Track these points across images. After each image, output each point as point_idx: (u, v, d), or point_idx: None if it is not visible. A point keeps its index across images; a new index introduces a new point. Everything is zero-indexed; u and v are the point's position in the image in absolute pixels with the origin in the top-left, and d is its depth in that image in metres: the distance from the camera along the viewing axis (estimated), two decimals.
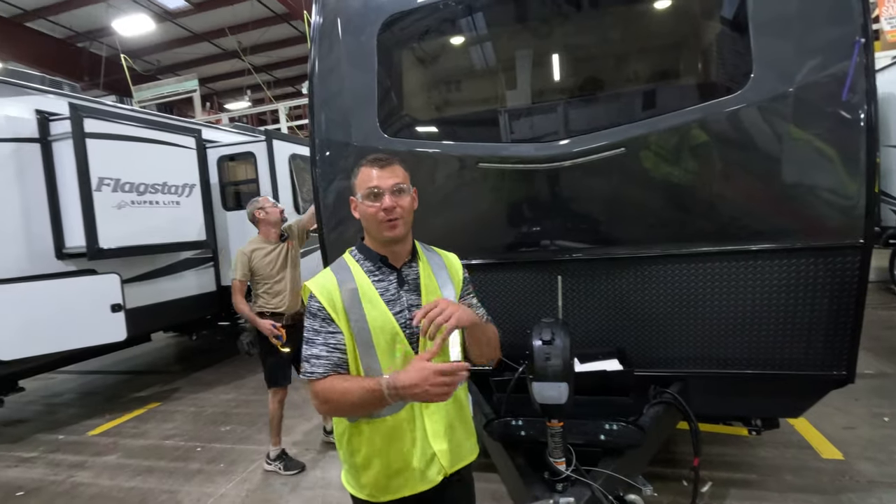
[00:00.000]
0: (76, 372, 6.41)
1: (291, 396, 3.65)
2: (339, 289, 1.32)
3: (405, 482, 1.35)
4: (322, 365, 1.28)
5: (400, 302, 1.35)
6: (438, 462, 1.36)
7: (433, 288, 1.40)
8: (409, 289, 1.37)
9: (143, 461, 3.78)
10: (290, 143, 6.63)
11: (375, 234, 1.36)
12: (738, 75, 2.02)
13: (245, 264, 3.38)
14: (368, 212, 1.32)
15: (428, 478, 1.36)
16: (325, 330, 1.30)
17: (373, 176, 1.32)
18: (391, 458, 1.34)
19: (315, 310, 1.32)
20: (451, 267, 1.50)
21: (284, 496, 3.11)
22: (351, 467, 1.41)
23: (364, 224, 1.38)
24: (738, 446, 3.15)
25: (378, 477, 1.35)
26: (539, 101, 2.41)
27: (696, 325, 2.17)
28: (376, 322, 1.30)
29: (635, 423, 1.87)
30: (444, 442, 1.37)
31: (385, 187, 1.31)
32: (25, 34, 12.78)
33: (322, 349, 1.29)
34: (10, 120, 4.17)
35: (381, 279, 1.36)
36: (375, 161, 1.35)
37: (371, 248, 1.40)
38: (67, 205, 4.42)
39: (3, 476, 3.72)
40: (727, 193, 2.04)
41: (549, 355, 1.50)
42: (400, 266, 1.39)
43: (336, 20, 2.49)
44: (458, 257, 1.55)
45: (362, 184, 1.34)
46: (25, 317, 4.05)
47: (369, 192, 1.31)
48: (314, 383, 1.28)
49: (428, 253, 1.49)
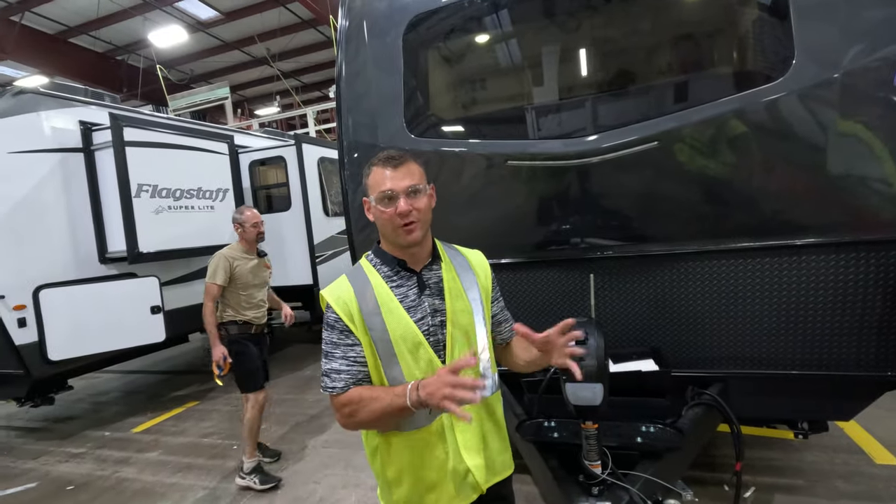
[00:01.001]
0: (119, 371, 6.68)
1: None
2: (356, 298, 1.25)
3: (438, 498, 1.28)
4: (342, 379, 1.22)
5: (422, 308, 1.27)
6: (473, 478, 1.29)
7: (458, 291, 1.32)
8: (430, 293, 1.29)
9: (182, 458, 3.91)
10: (319, 146, 6.75)
11: (392, 239, 1.27)
12: (777, 62, 1.93)
13: (227, 269, 3.30)
14: (383, 216, 1.23)
15: (463, 494, 1.29)
16: (343, 343, 1.24)
17: (386, 177, 1.23)
18: (423, 473, 1.27)
19: (332, 321, 1.25)
20: (477, 267, 1.40)
21: (317, 491, 3.15)
22: (384, 483, 1.35)
23: (379, 227, 1.29)
24: (783, 450, 3.02)
25: (410, 493, 1.29)
26: (569, 97, 2.36)
27: (737, 324, 2.08)
28: (397, 331, 1.23)
29: (673, 425, 1.80)
30: (477, 457, 1.30)
31: (399, 189, 1.21)
32: (69, 49, 13.43)
33: (342, 363, 1.23)
34: (57, 131, 4.38)
35: (399, 284, 1.28)
36: (388, 160, 1.25)
37: (387, 252, 1.31)
38: (109, 211, 4.61)
39: (54, 470, 3.91)
40: (769, 186, 1.95)
41: (582, 355, 1.46)
42: (420, 269, 1.31)
43: (362, 23, 2.51)
44: (483, 255, 1.46)
45: (375, 186, 1.24)
46: (72, 319, 4.25)
47: (383, 196, 1.22)
48: (336, 398, 1.22)
49: (450, 252, 1.39)
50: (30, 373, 4.08)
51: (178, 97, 12.92)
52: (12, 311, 3.95)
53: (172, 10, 12.39)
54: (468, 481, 1.29)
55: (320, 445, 3.87)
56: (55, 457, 4.18)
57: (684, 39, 2.34)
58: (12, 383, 4.25)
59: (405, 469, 1.29)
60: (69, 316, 4.22)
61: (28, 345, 4.02)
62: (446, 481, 1.27)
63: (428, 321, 1.27)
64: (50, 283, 4.14)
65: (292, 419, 4.46)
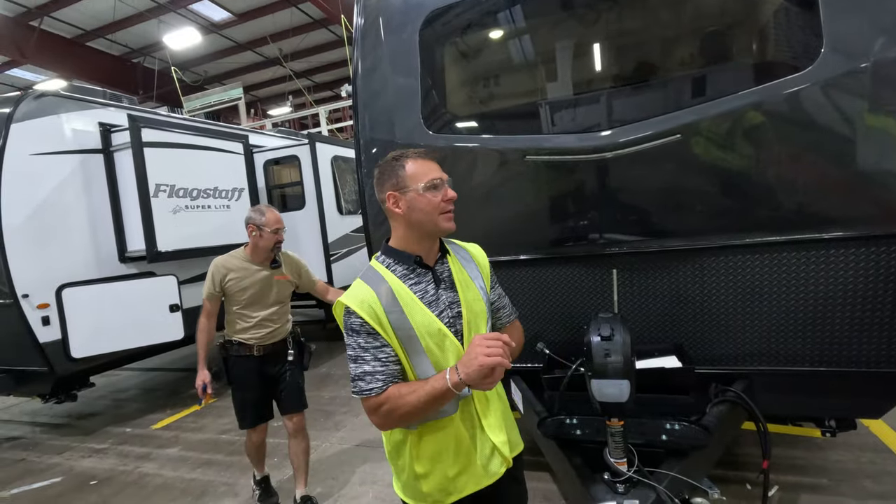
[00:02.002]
0: (138, 369, 6.78)
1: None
2: (379, 300, 1.27)
3: (469, 479, 1.34)
4: (378, 380, 1.24)
5: (440, 301, 1.33)
6: (499, 454, 1.36)
7: (467, 282, 1.39)
8: (445, 286, 1.35)
9: (202, 454, 3.96)
10: (332, 145, 6.77)
11: (431, 228, 1.30)
12: (804, 52, 1.89)
13: (216, 281, 2.75)
14: (432, 202, 1.28)
15: (491, 471, 1.36)
16: (372, 346, 1.26)
17: (431, 167, 1.31)
18: (453, 459, 1.32)
19: (357, 326, 1.26)
20: (477, 258, 1.48)
21: (335, 488, 3.17)
22: (411, 478, 1.37)
23: (417, 217, 1.29)
24: (807, 448, 2.96)
25: (441, 480, 1.33)
26: (589, 90, 2.33)
27: (762, 320, 2.04)
28: (422, 327, 1.27)
29: (699, 422, 1.78)
30: (500, 433, 1.38)
31: (446, 178, 1.31)
32: (86, 53, 13.66)
33: (375, 365, 1.25)
34: (77, 133, 4.45)
35: (417, 281, 1.32)
36: (423, 154, 1.34)
37: (401, 250, 1.34)
38: (128, 211, 4.68)
39: (78, 465, 3.98)
40: (795, 179, 1.91)
41: (608, 351, 1.44)
42: (433, 265, 1.37)
43: (378, 20, 2.50)
44: (480, 247, 1.54)
45: (420, 175, 1.29)
46: (94, 317, 4.32)
47: (431, 184, 1.28)
48: (372, 399, 1.24)
49: (452, 247, 1.46)
50: (53, 370, 4.16)
51: (192, 98, 13.07)
52: (36, 309, 4.02)
53: (186, 13, 12.54)
54: (495, 458, 1.36)
55: (337, 442, 3.89)
56: (78, 452, 4.26)
57: (707, 31, 2.30)
58: (37, 380, 4.34)
59: (434, 459, 1.33)
60: (91, 314, 4.30)
61: (52, 342, 4.10)
62: (475, 462, 1.34)
63: (447, 313, 1.33)
64: (72, 282, 4.21)
65: (309, 416, 4.47)
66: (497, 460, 1.37)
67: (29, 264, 4.01)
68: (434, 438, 1.32)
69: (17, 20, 11.77)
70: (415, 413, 1.22)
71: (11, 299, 3.91)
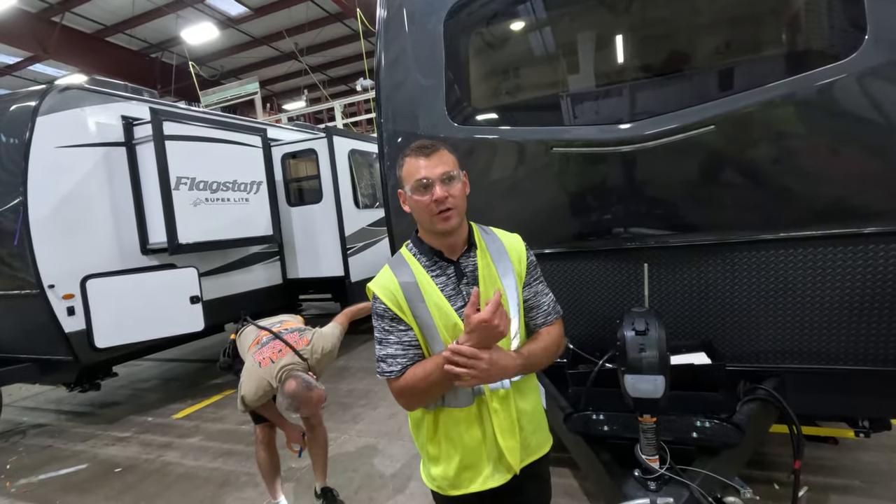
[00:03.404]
0: (159, 359, 6.90)
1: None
2: (401, 288, 1.29)
3: (473, 478, 1.33)
4: (399, 363, 1.27)
5: (461, 296, 1.31)
6: (506, 460, 1.33)
7: (492, 279, 1.34)
8: (468, 281, 1.32)
9: (222, 444, 4.01)
10: (350, 138, 6.78)
11: (429, 227, 1.30)
12: (846, 40, 1.82)
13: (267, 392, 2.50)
14: (419, 205, 1.26)
15: (496, 476, 1.34)
16: (395, 329, 1.29)
17: (420, 166, 1.25)
18: (461, 453, 1.33)
19: (381, 311, 1.30)
20: (513, 251, 1.40)
21: (354, 480, 3.18)
22: (425, 457, 1.41)
23: (416, 217, 1.32)
24: (837, 449, 2.89)
25: (447, 471, 1.35)
26: (620, 80, 2.28)
27: (796, 317, 1.99)
28: (440, 319, 1.28)
29: (730, 420, 1.74)
30: (511, 439, 1.33)
31: (434, 177, 1.24)
32: (106, 48, 13.85)
33: (397, 348, 1.28)
34: (100, 126, 4.52)
35: (439, 274, 1.32)
36: (421, 150, 1.28)
37: (425, 242, 1.34)
38: (150, 203, 4.74)
39: (102, 453, 4.06)
40: (834, 172, 1.85)
41: (643, 346, 1.41)
42: (457, 258, 1.34)
43: (402, 11, 2.48)
44: (521, 239, 1.46)
45: (410, 176, 1.27)
46: (117, 308, 4.39)
47: (418, 185, 1.24)
48: (395, 381, 1.28)
49: (487, 238, 1.40)
50: (78, 359, 4.25)
51: (209, 93, 13.18)
52: (62, 300, 4.10)
53: (204, 7, 12.63)
54: (502, 462, 1.33)
55: (356, 434, 3.91)
56: (102, 440, 4.34)
57: (739, 18, 2.23)
58: (62, 369, 4.43)
59: (444, 447, 1.34)
60: (114, 305, 4.37)
61: (76, 332, 4.18)
62: (482, 462, 1.33)
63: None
64: (96, 273, 4.29)
65: (327, 409, 4.51)
66: (504, 466, 1.33)
67: (54, 255, 4.09)
68: (446, 426, 1.33)
69: (38, 16, 11.96)
70: (428, 392, 1.26)
71: (38, 289, 3.99)
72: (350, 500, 2.98)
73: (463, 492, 1.34)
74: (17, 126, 4.05)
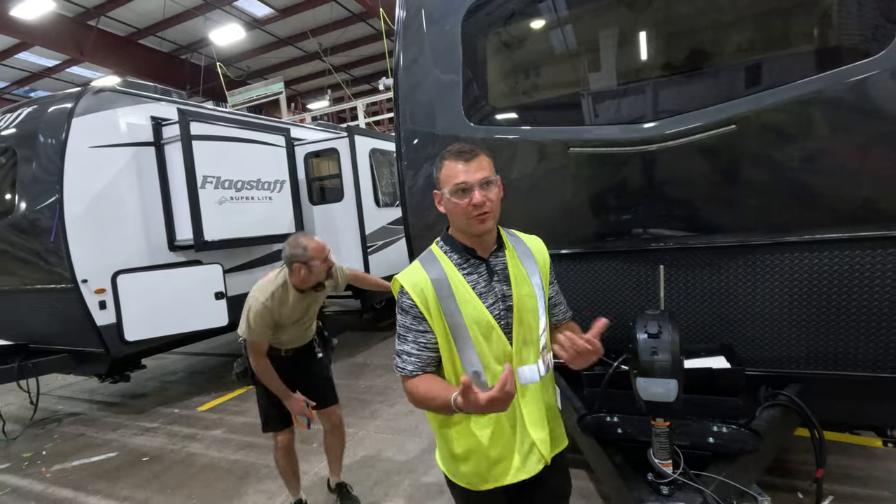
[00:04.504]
0: (184, 353, 7.10)
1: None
2: (432, 285, 1.31)
3: (505, 471, 1.35)
4: (413, 363, 1.32)
5: (492, 294, 1.34)
6: (538, 451, 1.37)
7: (522, 277, 1.38)
8: (498, 279, 1.36)
9: (244, 437, 4.11)
10: (371, 137, 6.84)
11: (465, 229, 1.34)
12: (875, 36, 1.76)
13: (269, 324, 2.48)
14: (457, 207, 1.29)
15: (527, 467, 1.36)
16: (415, 328, 1.32)
17: (459, 170, 1.28)
18: (490, 448, 1.34)
19: (407, 307, 1.32)
20: (537, 253, 1.47)
21: (371, 476, 3.22)
22: (450, 456, 1.41)
23: (451, 218, 1.36)
24: (866, 458, 2.80)
25: (478, 467, 1.36)
26: (639, 79, 2.25)
27: (820, 321, 1.93)
28: (471, 316, 1.30)
29: (748, 426, 1.70)
30: (541, 430, 1.38)
31: (473, 182, 1.27)
32: (138, 50, 14.30)
33: (412, 346, 1.32)
34: (131, 126, 4.67)
35: (470, 272, 1.35)
36: (460, 154, 1.31)
37: (457, 240, 1.38)
38: (177, 201, 4.88)
39: (131, 442, 4.22)
40: (863, 172, 1.79)
41: (655, 349, 1.40)
42: (488, 257, 1.37)
43: (420, 11, 2.50)
44: (542, 241, 1.52)
45: (448, 179, 1.30)
46: (146, 302, 4.54)
47: (457, 188, 1.28)
48: (406, 380, 1.33)
49: (513, 240, 1.46)
50: (109, 351, 4.40)
51: (235, 93, 13.48)
52: (94, 294, 4.26)
53: (231, 9, 12.90)
54: (533, 454, 1.37)
55: (373, 431, 3.96)
56: (131, 430, 4.51)
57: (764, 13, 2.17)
58: (94, 361, 4.61)
59: (472, 446, 1.35)
60: (143, 299, 4.52)
61: (108, 326, 4.34)
62: (512, 455, 1.35)
63: (498, 306, 1.34)
64: (126, 269, 4.44)
65: (345, 405, 4.56)
66: (535, 457, 1.37)
67: (88, 251, 4.25)
68: (478, 424, 1.34)
69: (76, 20, 12.42)
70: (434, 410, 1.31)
71: (72, 284, 4.16)
72: (366, 495, 3.02)
73: (493, 485, 1.36)
74: (55, 127, 4.22)
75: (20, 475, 3.78)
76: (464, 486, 1.40)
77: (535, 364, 1.38)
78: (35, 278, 4.38)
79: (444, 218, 1.40)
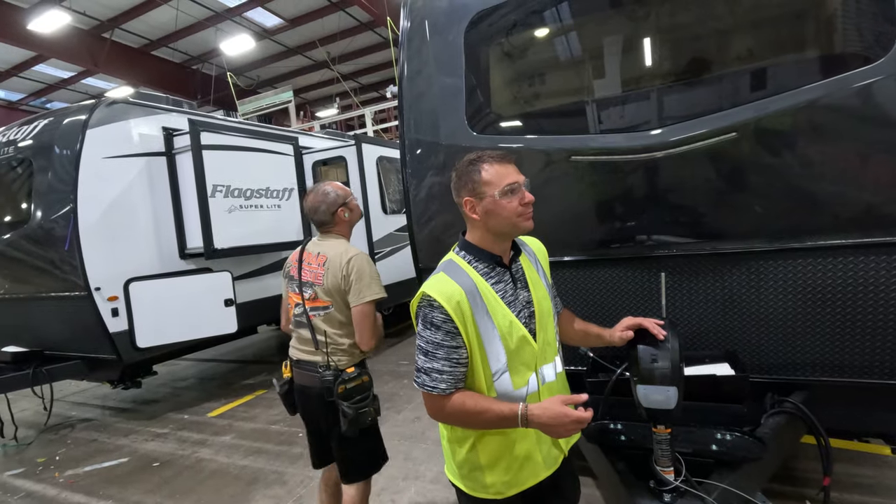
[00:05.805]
0: (195, 359, 7.18)
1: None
2: (467, 298, 1.26)
3: (532, 471, 1.38)
4: (445, 381, 1.26)
5: (518, 301, 1.36)
6: (558, 444, 1.42)
7: (536, 280, 1.43)
8: (521, 286, 1.39)
9: (253, 443, 4.15)
10: (378, 145, 6.91)
11: (509, 230, 1.33)
12: (877, 42, 1.76)
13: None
14: (509, 207, 1.29)
15: (549, 462, 1.40)
16: (447, 344, 1.25)
17: (510, 171, 1.32)
18: (516, 451, 1.35)
19: (439, 322, 1.25)
20: (540, 253, 1.54)
21: (377, 482, 3.24)
22: (474, 469, 1.38)
23: (493, 221, 1.32)
24: (875, 466, 2.76)
25: (506, 472, 1.36)
26: (640, 87, 2.27)
27: (826, 328, 1.92)
28: (504, 327, 1.30)
29: (752, 433, 1.70)
30: None
31: (522, 181, 1.32)
32: (151, 61, 14.57)
33: (444, 364, 1.26)
34: (143, 137, 4.77)
35: (497, 280, 1.35)
36: (502, 157, 1.34)
37: (482, 248, 1.35)
38: (188, 210, 4.96)
39: (142, 448, 4.27)
40: (866, 178, 1.78)
41: (655, 357, 1.41)
42: (509, 263, 1.40)
43: (424, 22, 2.54)
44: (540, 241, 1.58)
45: (499, 180, 1.29)
46: (157, 309, 4.62)
47: (508, 189, 1.29)
48: (438, 399, 1.27)
49: (520, 243, 1.50)
50: (121, 358, 4.48)
51: (245, 102, 13.67)
52: (107, 301, 4.34)
53: (241, 20, 13.12)
54: (555, 446, 1.42)
55: None
56: (142, 436, 4.57)
57: (766, 20, 2.18)
58: (107, 367, 4.69)
59: (498, 451, 1.35)
60: (154, 307, 4.59)
61: (120, 332, 4.41)
62: (535, 453, 1.37)
63: (524, 313, 1.36)
64: (138, 277, 4.52)
65: None
66: (556, 449, 1.43)
67: (101, 259, 4.33)
68: (501, 433, 1.34)
69: (90, 32, 12.70)
70: (481, 426, 1.31)
71: (86, 291, 4.24)
72: (372, 501, 3.02)
73: (520, 489, 1.36)
74: (69, 139, 4.33)
75: (34, 480, 3.85)
76: (488, 498, 1.37)
77: (553, 361, 1.43)
78: (50, 286, 4.47)
79: (450, 225, 1.42)
